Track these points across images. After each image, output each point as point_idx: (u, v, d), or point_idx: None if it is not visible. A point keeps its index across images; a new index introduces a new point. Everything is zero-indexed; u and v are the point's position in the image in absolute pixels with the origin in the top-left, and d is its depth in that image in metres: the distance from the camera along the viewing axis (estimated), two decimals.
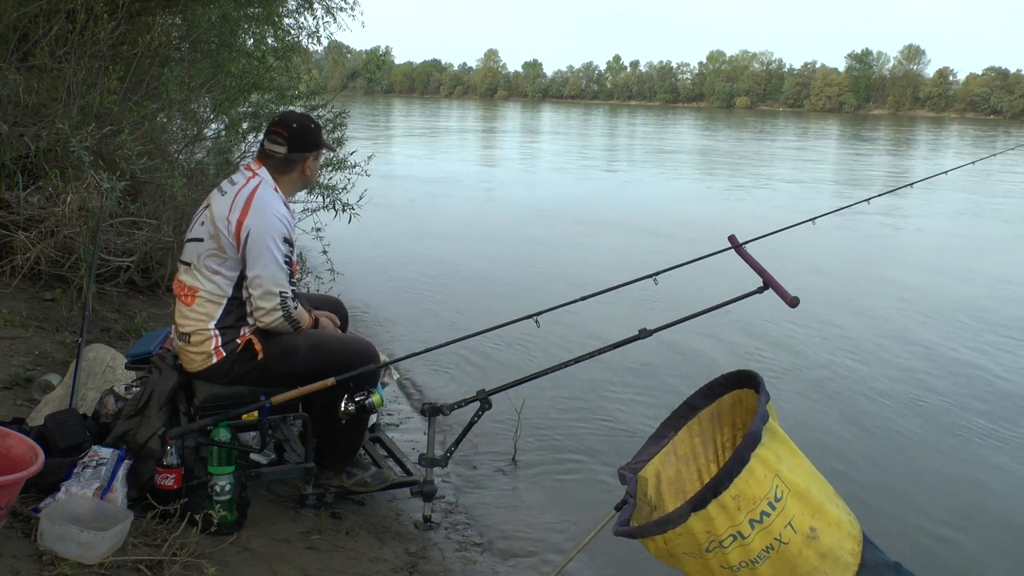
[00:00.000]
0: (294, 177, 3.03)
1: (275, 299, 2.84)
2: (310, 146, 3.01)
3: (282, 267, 2.85)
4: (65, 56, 4.87)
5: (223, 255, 2.85)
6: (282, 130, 2.97)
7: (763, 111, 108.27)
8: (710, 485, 1.99)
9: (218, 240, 2.84)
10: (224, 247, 2.84)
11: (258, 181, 2.92)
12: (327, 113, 7.60)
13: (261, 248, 2.81)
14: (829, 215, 4.80)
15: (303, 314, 2.97)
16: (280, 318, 2.87)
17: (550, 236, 10.49)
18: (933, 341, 6.43)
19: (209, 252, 2.87)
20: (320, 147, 3.06)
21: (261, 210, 2.83)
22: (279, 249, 2.84)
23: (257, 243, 2.81)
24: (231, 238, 2.82)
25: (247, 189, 2.88)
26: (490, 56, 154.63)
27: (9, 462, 2.38)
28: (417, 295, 7.31)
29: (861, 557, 2.06)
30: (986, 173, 20.36)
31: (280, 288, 2.84)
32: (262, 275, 2.82)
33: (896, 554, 2.23)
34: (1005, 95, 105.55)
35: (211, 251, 2.86)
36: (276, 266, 2.83)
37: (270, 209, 2.85)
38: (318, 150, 3.06)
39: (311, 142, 3.01)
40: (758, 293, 2.63)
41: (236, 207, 2.83)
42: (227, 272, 2.87)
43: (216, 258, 2.86)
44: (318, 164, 3.11)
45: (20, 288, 4.63)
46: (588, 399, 4.91)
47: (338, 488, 3.13)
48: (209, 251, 2.87)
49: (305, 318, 2.99)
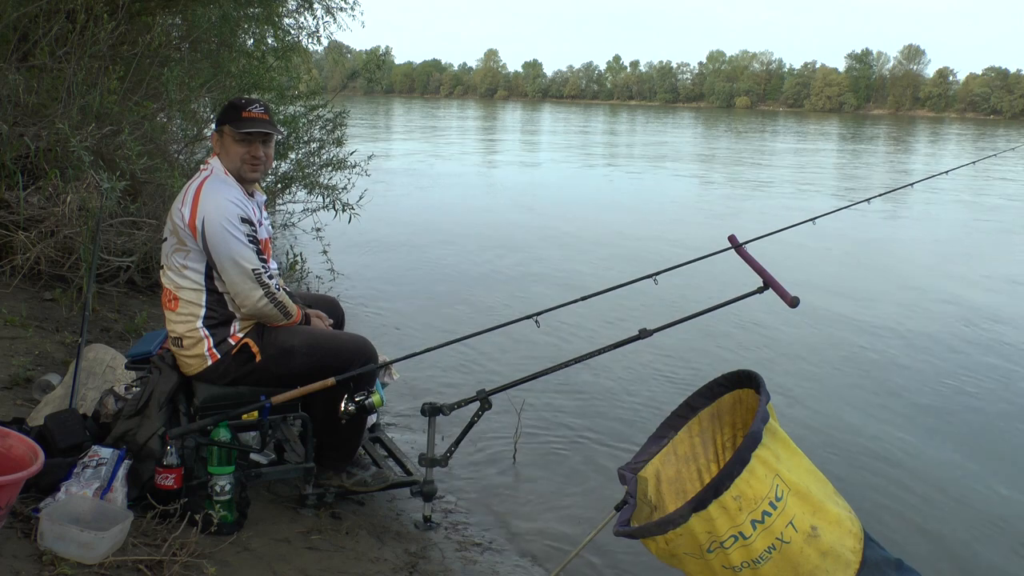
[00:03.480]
0: (222, 160, 2.95)
1: (249, 278, 2.83)
2: (215, 122, 3.00)
3: (246, 245, 2.84)
4: (65, 56, 4.87)
5: (185, 247, 2.86)
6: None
7: (763, 111, 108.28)
8: (711, 485, 1.99)
9: (177, 234, 2.86)
10: (184, 239, 2.85)
11: (208, 171, 2.93)
12: (327, 113, 7.61)
13: (219, 232, 2.80)
14: (829, 215, 4.80)
15: (289, 300, 2.96)
16: (263, 296, 2.84)
17: (550, 236, 10.49)
18: (933, 340, 6.43)
19: (174, 248, 2.89)
20: (218, 123, 2.97)
21: (210, 197, 2.84)
22: (238, 229, 2.83)
23: (214, 228, 2.80)
24: (187, 229, 2.83)
25: (196, 181, 2.90)
26: (490, 56, 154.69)
27: (9, 462, 2.37)
28: (417, 295, 7.30)
29: (862, 555, 2.06)
30: (986, 173, 20.37)
31: (251, 265, 2.83)
32: (226, 257, 2.82)
33: (898, 551, 2.23)
34: (1005, 95, 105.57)
35: (174, 246, 2.89)
36: (239, 244, 2.82)
37: (219, 194, 2.85)
38: (219, 126, 2.96)
39: (216, 119, 2.99)
40: (758, 293, 2.63)
41: (187, 199, 2.85)
42: (194, 264, 2.88)
43: (180, 252, 2.88)
44: (231, 145, 2.93)
45: (20, 288, 4.63)
46: (588, 399, 4.91)
47: (338, 488, 3.13)
48: (173, 247, 2.89)
49: (293, 306, 2.98)
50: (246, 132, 2.92)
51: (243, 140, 2.93)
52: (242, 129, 2.92)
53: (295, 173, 7.15)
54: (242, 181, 2.98)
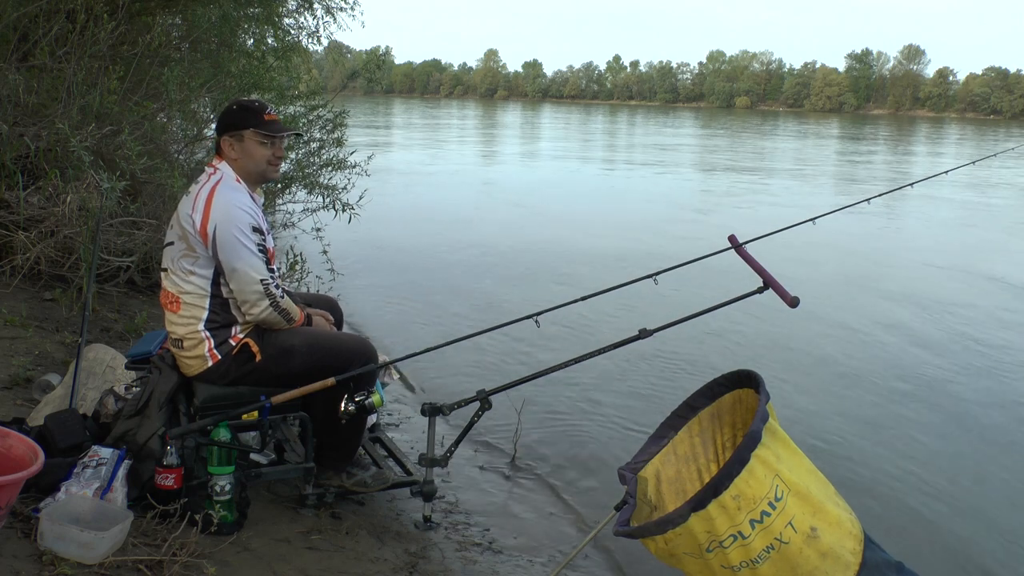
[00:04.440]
0: (235, 164, 2.94)
1: (257, 288, 2.83)
2: (221, 127, 2.95)
3: (256, 255, 2.84)
4: (65, 56, 4.87)
5: (194, 254, 2.85)
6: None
7: (763, 111, 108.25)
8: (710, 485, 1.99)
9: (186, 240, 2.85)
10: (193, 246, 2.84)
11: (219, 176, 2.91)
12: (327, 113, 7.61)
13: (231, 241, 2.80)
14: (829, 215, 4.80)
15: (292, 305, 2.96)
16: (268, 307, 2.86)
17: (551, 236, 10.49)
18: (934, 340, 6.42)
19: (181, 253, 2.87)
20: (233, 128, 2.92)
21: (222, 204, 2.82)
22: (249, 239, 2.83)
23: (225, 237, 2.80)
24: (198, 236, 2.82)
25: (208, 186, 2.88)
26: (490, 56, 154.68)
27: (9, 462, 2.37)
28: (417, 295, 7.31)
29: (862, 556, 2.06)
30: (986, 173, 20.36)
31: (260, 276, 2.83)
32: (238, 267, 2.81)
33: (898, 553, 2.23)
34: (1005, 95, 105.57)
35: (182, 252, 2.87)
36: (250, 255, 2.82)
37: (232, 202, 2.84)
38: (237, 131, 2.92)
39: (223, 123, 2.95)
40: (758, 293, 2.63)
41: (198, 205, 2.83)
42: (201, 271, 2.86)
43: (188, 258, 2.86)
44: (255, 148, 2.93)
45: (20, 288, 4.63)
46: (588, 399, 4.91)
47: (338, 488, 3.13)
48: (181, 252, 2.87)
49: (295, 310, 2.98)
50: (275, 135, 2.93)
51: (267, 142, 2.94)
52: (273, 132, 2.93)
53: (295, 173, 7.14)
54: (264, 181, 3.04)
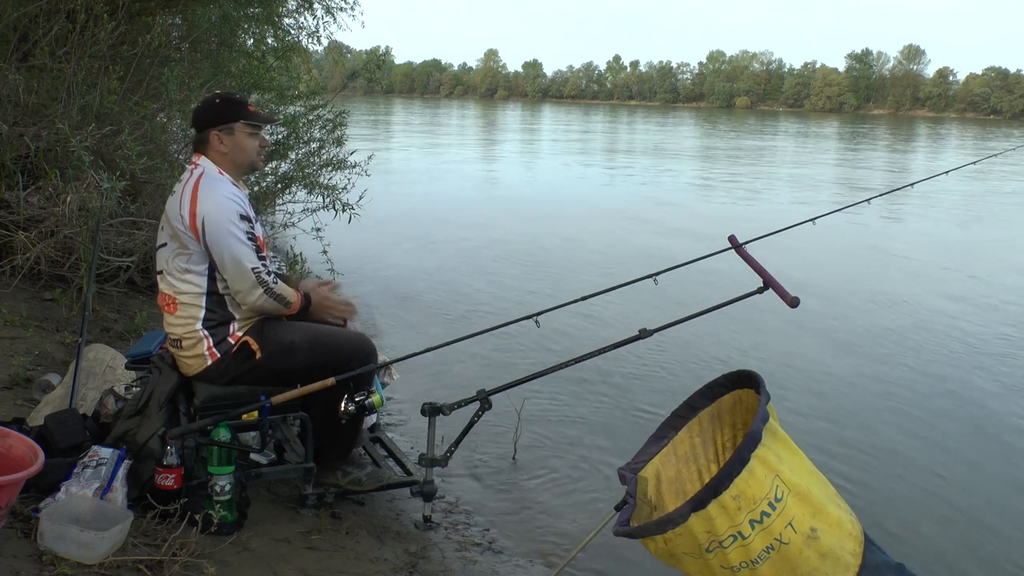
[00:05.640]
0: (218, 156, 2.96)
1: (249, 276, 2.84)
2: (207, 122, 2.97)
3: (246, 243, 2.85)
4: (65, 56, 4.87)
5: (187, 251, 2.86)
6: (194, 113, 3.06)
7: (763, 111, 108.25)
8: (710, 485, 1.99)
9: (178, 238, 2.86)
10: (186, 243, 2.85)
11: (200, 171, 2.93)
12: (327, 113, 7.61)
13: (220, 232, 2.81)
14: (829, 215, 4.80)
15: (286, 288, 2.97)
16: (262, 294, 2.86)
17: (550, 236, 10.49)
18: (934, 340, 6.42)
19: (175, 253, 2.88)
20: (223, 121, 2.95)
21: (208, 195, 2.84)
22: (238, 227, 2.84)
23: (214, 228, 2.81)
24: (189, 231, 2.82)
25: (191, 181, 2.89)
26: (490, 56, 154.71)
27: (9, 462, 2.37)
28: (417, 295, 7.31)
29: (862, 558, 2.06)
30: (987, 173, 20.36)
31: (251, 264, 2.84)
32: (227, 256, 2.82)
33: (898, 555, 2.23)
34: (1005, 95, 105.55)
35: (176, 251, 2.88)
36: (240, 243, 2.83)
37: (217, 192, 2.86)
38: (227, 124, 2.94)
39: (209, 118, 2.97)
40: (758, 293, 2.63)
41: (184, 201, 2.84)
42: (196, 267, 2.87)
43: (182, 256, 2.87)
44: (245, 139, 2.96)
45: (20, 288, 4.63)
46: (588, 399, 4.91)
47: (338, 488, 3.13)
48: (174, 252, 2.88)
49: (291, 292, 2.98)
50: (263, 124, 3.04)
51: (255, 132, 3.00)
52: (261, 121, 3.03)
53: (295, 173, 7.15)
54: (252, 171, 3.13)
